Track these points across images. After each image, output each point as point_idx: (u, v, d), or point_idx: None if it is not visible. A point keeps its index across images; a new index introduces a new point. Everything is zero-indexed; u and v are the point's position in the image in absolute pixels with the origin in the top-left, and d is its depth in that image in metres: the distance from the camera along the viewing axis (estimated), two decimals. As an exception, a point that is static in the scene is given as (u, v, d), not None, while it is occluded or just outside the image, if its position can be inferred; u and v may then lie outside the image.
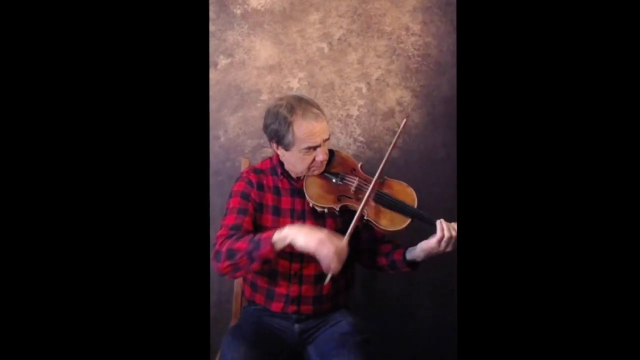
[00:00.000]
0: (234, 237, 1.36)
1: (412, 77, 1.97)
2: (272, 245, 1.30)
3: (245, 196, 1.47)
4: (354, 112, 1.97)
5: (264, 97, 1.94)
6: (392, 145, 1.45)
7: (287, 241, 1.29)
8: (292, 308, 1.49)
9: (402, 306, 2.01)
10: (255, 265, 1.33)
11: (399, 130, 1.44)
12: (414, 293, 2.00)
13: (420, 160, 1.98)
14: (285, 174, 1.51)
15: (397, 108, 1.97)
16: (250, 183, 1.48)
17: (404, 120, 1.48)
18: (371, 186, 1.41)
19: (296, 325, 1.51)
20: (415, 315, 2.01)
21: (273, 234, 1.30)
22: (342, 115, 1.97)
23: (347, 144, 1.97)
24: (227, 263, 1.34)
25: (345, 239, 1.32)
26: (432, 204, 1.78)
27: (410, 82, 1.97)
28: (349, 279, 1.57)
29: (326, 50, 1.95)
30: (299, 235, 1.28)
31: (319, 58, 1.95)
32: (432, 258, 1.42)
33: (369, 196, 1.40)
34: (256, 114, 1.93)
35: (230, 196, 1.49)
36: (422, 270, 1.58)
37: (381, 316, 1.97)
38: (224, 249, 1.35)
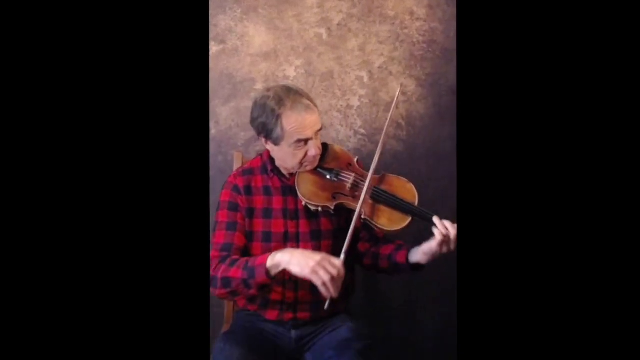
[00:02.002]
0: (227, 262, 1.35)
1: (416, 65, 1.93)
2: (267, 272, 1.28)
3: (232, 207, 1.45)
4: (355, 102, 1.94)
5: (258, 86, 1.90)
6: (387, 121, 1.45)
7: (281, 268, 1.28)
8: (288, 315, 1.47)
9: (406, 311, 1.99)
10: (252, 292, 1.33)
11: (395, 101, 1.43)
12: (418, 297, 1.98)
13: (426, 154, 1.95)
14: (276, 171, 1.48)
15: (401, 98, 1.94)
16: (236, 189, 1.45)
17: (398, 91, 1.48)
18: (367, 182, 1.38)
19: (293, 332, 1.48)
20: (419, 321, 1.99)
21: (266, 260, 1.29)
22: (341, 106, 1.94)
23: (347, 137, 1.94)
24: (224, 291, 1.34)
25: (341, 260, 1.28)
26: (438, 201, 1.84)
27: (415, 70, 1.93)
28: (349, 283, 1.53)
29: (325, 36, 1.92)
30: (293, 262, 1.26)
31: (317, 44, 1.92)
32: (439, 260, 1.39)
33: (366, 193, 1.37)
34: (250, 104, 1.78)
35: (218, 207, 1.47)
36: (427, 273, 1.55)
37: (383, 321, 1.95)
38: (219, 275, 1.34)
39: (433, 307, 1.99)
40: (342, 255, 1.28)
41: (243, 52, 1.91)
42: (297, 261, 1.25)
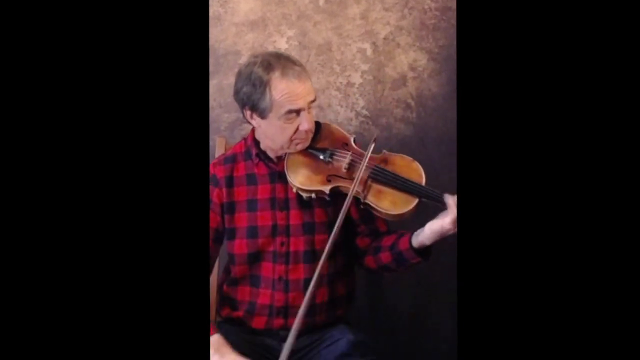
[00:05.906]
0: None
1: (428, 36, 1.85)
2: None
3: None
4: (357, 79, 1.86)
5: (244, 60, 1.78)
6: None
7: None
8: (277, 322, 1.41)
9: (415, 321, 1.92)
10: None
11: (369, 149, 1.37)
12: (429, 306, 1.91)
13: (438, 139, 1.86)
14: (262, 155, 1.43)
15: (410, 74, 1.85)
16: (214, 181, 1.42)
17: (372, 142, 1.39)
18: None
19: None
20: (428, 332, 1.92)
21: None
22: (341, 83, 1.85)
23: (347, 119, 1.85)
24: None
25: None
26: (452, 190, 1.66)
27: (426, 42, 1.85)
28: (348, 287, 1.49)
29: (321, 2, 1.84)
30: None
31: (313, 12, 1.83)
32: (449, 263, 1.33)
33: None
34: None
35: None
36: (440, 278, 1.53)
37: (387, 333, 1.89)
38: None
39: (449, 317, 1.88)
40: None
41: (227, 21, 1.82)
42: None
